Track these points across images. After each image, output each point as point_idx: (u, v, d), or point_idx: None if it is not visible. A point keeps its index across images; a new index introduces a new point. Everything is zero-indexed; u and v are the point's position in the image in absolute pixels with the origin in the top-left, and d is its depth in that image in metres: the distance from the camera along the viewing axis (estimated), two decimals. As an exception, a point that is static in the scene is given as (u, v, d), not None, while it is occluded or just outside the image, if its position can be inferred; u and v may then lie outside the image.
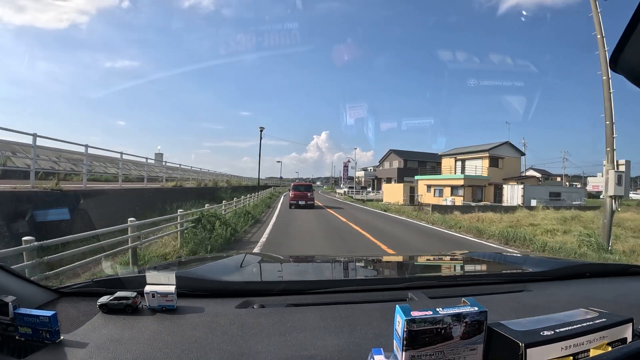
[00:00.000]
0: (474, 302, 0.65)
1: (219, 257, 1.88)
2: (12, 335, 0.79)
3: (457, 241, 9.05)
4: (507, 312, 0.96)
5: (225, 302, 1.01)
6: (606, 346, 0.66)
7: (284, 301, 1.05)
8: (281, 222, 12.28)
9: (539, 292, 1.18)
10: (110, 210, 7.06)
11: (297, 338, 0.80)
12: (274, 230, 9.86)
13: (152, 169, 16.32)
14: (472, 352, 0.63)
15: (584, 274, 1.41)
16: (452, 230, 11.19)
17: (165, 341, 0.77)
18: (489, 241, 9.18)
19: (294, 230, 10.40)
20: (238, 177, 36.07)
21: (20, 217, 5.26)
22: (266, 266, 1.75)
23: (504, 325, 0.66)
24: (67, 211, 6.04)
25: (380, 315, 0.91)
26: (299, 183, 23.37)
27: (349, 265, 1.84)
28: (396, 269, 1.88)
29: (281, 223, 11.90)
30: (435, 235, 10.11)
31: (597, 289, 1.25)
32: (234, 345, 0.76)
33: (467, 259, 2.07)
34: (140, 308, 0.93)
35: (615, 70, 0.63)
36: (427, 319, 0.60)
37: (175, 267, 1.58)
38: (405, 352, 0.60)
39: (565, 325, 0.66)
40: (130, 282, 1.05)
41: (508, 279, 1.38)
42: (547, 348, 0.62)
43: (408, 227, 11.99)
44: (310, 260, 1.99)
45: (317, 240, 8.52)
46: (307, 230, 10.31)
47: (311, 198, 18.98)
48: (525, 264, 1.70)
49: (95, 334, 0.80)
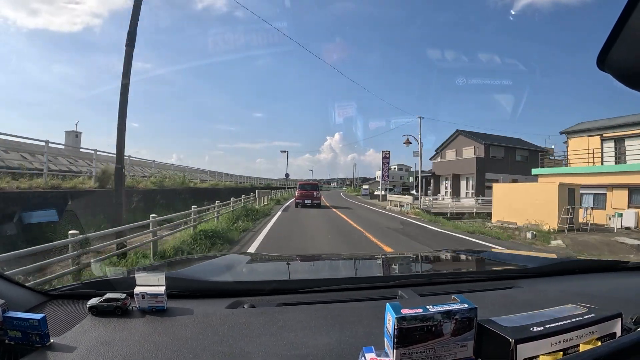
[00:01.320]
0: (464, 299, 0.65)
1: (209, 257, 1.87)
2: (1, 339, 0.77)
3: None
4: (497, 308, 0.96)
5: (216, 302, 1.00)
6: (596, 341, 0.66)
7: (275, 301, 1.04)
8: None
9: (528, 289, 1.18)
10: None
11: (288, 337, 0.79)
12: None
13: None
14: (463, 349, 0.63)
15: (573, 270, 1.42)
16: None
17: (156, 342, 0.77)
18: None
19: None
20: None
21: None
22: (256, 266, 1.75)
23: (494, 322, 0.66)
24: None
25: (371, 313, 0.91)
26: (305, 182, 23.32)
27: (339, 264, 1.85)
28: (387, 267, 1.88)
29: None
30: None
31: (586, 284, 1.26)
32: (225, 346, 0.75)
33: (457, 256, 2.08)
34: (130, 310, 0.92)
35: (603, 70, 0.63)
36: (418, 317, 0.60)
37: (165, 268, 1.57)
38: (397, 350, 0.59)
39: (555, 321, 0.67)
40: (120, 284, 1.04)
41: (498, 275, 1.39)
42: (537, 344, 0.62)
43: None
44: (300, 260, 1.99)
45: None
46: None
47: (317, 197, 19.03)
48: (515, 260, 1.71)
49: (85, 337, 0.79)
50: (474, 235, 10.60)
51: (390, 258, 2.33)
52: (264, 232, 9.32)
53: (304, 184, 21.30)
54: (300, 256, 2.39)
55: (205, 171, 24.33)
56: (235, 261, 1.63)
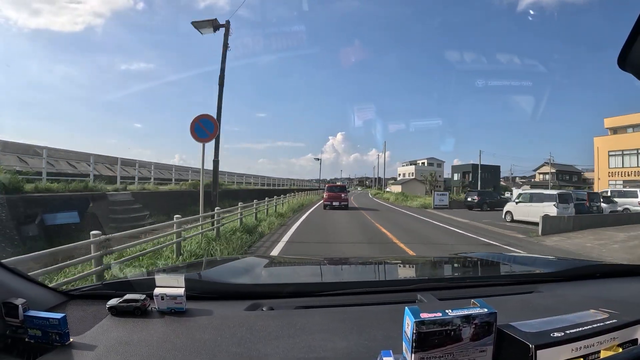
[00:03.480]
0: (484, 304, 0.65)
1: (228, 260, 1.88)
2: (21, 337, 0.80)
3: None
4: (516, 313, 0.95)
5: (234, 304, 1.01)
6: (617, 347, 0.65)
7: (293, 303, 1.05)
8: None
9: (549, 293, 1.17)
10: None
11: (305, 340, 0.80)
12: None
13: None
14: (482, 354, 0.63)
15: (594, 275, 1.39)
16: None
17: (174, 343, 0.78)
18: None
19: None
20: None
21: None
22: (275, 268, 1.75)
23: (514, 327, 0.66)
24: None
25: (389, 317, 0.91)
26: (333, 184, 24.12)
27: (357, 267, 1.84)
28: (405, 271, 1.87)
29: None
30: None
31: (607, 289, 1.24)
32: (243, 348, 0.76)
33: (476, 260, 2.05)
34: (149, 310, 0.93)
35: (624, 69, 0.63)
36: (437, 321, 0.60)
37: (184, 269, 1.59)
38: (415, 354, 0.60)
39: (575, 326, 0.66)
40: (140, 285, 1.05)
41: (518, 280, 1.37)
42: (557, 349, 0.61)
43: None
44: (318, 263, 1.99)
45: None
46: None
47: (345, 199, 19.56)
48: (535, 264, 1.69)
49: (105, 336, 0.81)
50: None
51: (409, 262, 2.31)
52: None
53: (332, 186, 21.63)
54: (318, 259, 2.38)
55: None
56: (254, 264, 1.64)
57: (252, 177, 30.23)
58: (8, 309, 0.80)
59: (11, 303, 0.80)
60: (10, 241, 5.24)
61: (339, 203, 19.07)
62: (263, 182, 31.53)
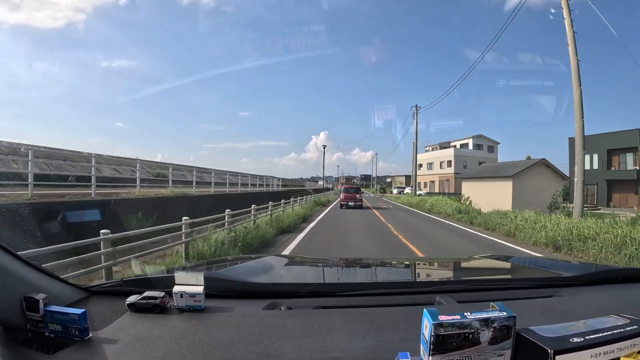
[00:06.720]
0: (503, 307, 0.65)
1: (247, 259, 1.89)
2: (42, 331, 0.81)
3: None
4: (536, 317, 0.93)
5: (253, 303, 1.01)
6: (637, 354, 0.64)
7: (312, 303, 1.05)
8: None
9: (569, 298, 1.14)
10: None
11: (323, 340, 0.80)
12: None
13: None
14: (500, 358, 0.63)
15: (616, 279, 1.35)
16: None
17: (193, 340, 0.79)
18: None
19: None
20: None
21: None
22: (293, 268, 1.76)
23: (533, 331, 0.66)
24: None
25: (407, 318, 0.90)
26: (349, 186, 27.29)
27: (376, 268, 1.83)
28: (424, 273, 1.85)
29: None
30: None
31: (629, 294, 1.20)
32: (261, 346, 0.77)
33: (496, 263, 2.02)
34: (168, 308, 0.94)
35: None
36: (455, 324, 0.60)
37: (204, 267, 1.60)
38: (432, 357, 0.60)
39: (595, 332, 0.65)
40: (159, 282, 1.07)
41: (538, 283, 1.34)
42: (576, 355, 0.61)
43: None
44: (337, 263, 1.98)
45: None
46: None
47: (360, 200, 20.79)
48: (555, 268, 1.66)
49: (124, 332, 0.82)
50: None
51: (428, 263, 2.29)
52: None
53: (348, 187, 23.45)
54: (337, 259, 2.38)
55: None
56: (273, 263, 1.64)
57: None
58: (29, 303, 0.81)
59: (32, 298, 0.81)
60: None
61: (354, 203, 20.34)
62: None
